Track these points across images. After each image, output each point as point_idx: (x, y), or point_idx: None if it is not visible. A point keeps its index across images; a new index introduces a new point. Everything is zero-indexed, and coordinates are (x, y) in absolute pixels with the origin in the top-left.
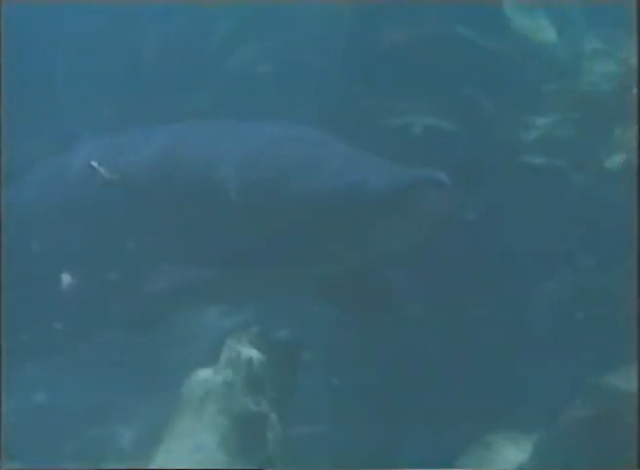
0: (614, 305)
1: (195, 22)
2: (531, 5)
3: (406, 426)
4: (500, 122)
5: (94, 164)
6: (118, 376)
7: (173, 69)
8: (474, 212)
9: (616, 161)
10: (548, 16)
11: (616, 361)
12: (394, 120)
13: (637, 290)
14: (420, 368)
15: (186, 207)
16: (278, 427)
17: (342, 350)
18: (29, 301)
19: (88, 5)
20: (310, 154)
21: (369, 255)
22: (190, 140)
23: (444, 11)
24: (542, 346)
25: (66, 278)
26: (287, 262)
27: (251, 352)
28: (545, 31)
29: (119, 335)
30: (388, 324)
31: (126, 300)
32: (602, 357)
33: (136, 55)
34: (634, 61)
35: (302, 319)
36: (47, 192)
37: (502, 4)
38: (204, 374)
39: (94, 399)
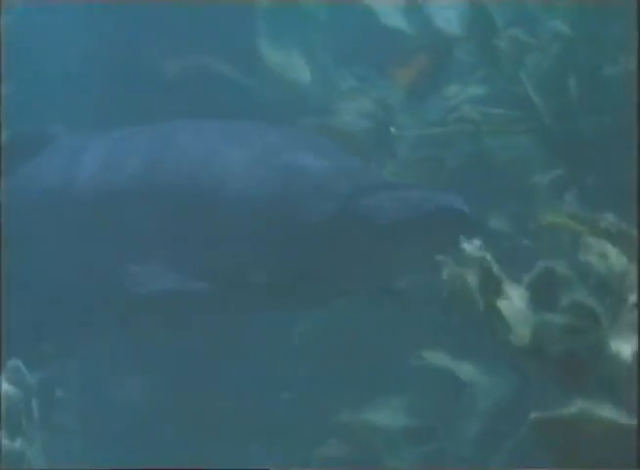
0: (364, 339)
1: None
2: (285, 41)
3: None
4: None
5: None
6: None
7: None
8: None
9: None
10: (302, 54)
11: (368, 397)
12: None
13: None
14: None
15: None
16: (34, 463)
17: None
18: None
19: None
20: (320, 168)
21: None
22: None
23: (198, 44)
24: (296, 383)
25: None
26: (286, 286)
27: (7, 388)
28: (300, 70)
29: None
30: None
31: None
32: (355, 393)
33: None
34: (390, 101)
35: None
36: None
37: (257, 40)
38: None
39: None
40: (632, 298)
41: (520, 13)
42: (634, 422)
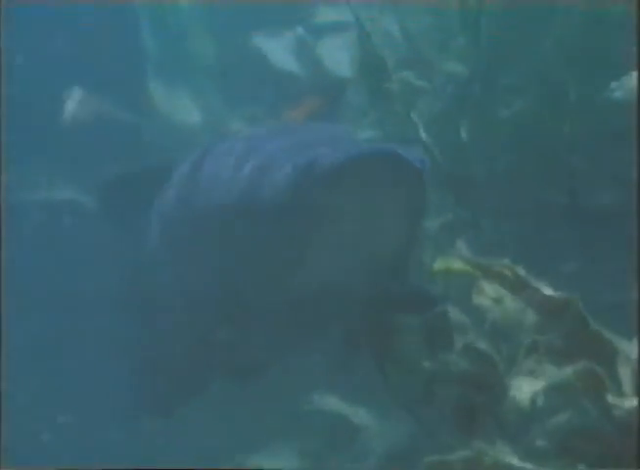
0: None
1: None
2: (175, 83)
3: None
4: None
5: None
6: None
7: None
8: None
9: None
10: (191, 96)
11: (262, 440)
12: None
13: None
14: None
15: None
16: None
17: None
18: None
19: None
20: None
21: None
22: None
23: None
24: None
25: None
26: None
27: None
28: (187, 111)
29: None
30: None
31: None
32: (249, 437)
33: None
34: None
35: None
36: None
37: (146, 81)
38: None
39: None
40: (528, 342)
41: (413, 53)
42: (529, 464)
